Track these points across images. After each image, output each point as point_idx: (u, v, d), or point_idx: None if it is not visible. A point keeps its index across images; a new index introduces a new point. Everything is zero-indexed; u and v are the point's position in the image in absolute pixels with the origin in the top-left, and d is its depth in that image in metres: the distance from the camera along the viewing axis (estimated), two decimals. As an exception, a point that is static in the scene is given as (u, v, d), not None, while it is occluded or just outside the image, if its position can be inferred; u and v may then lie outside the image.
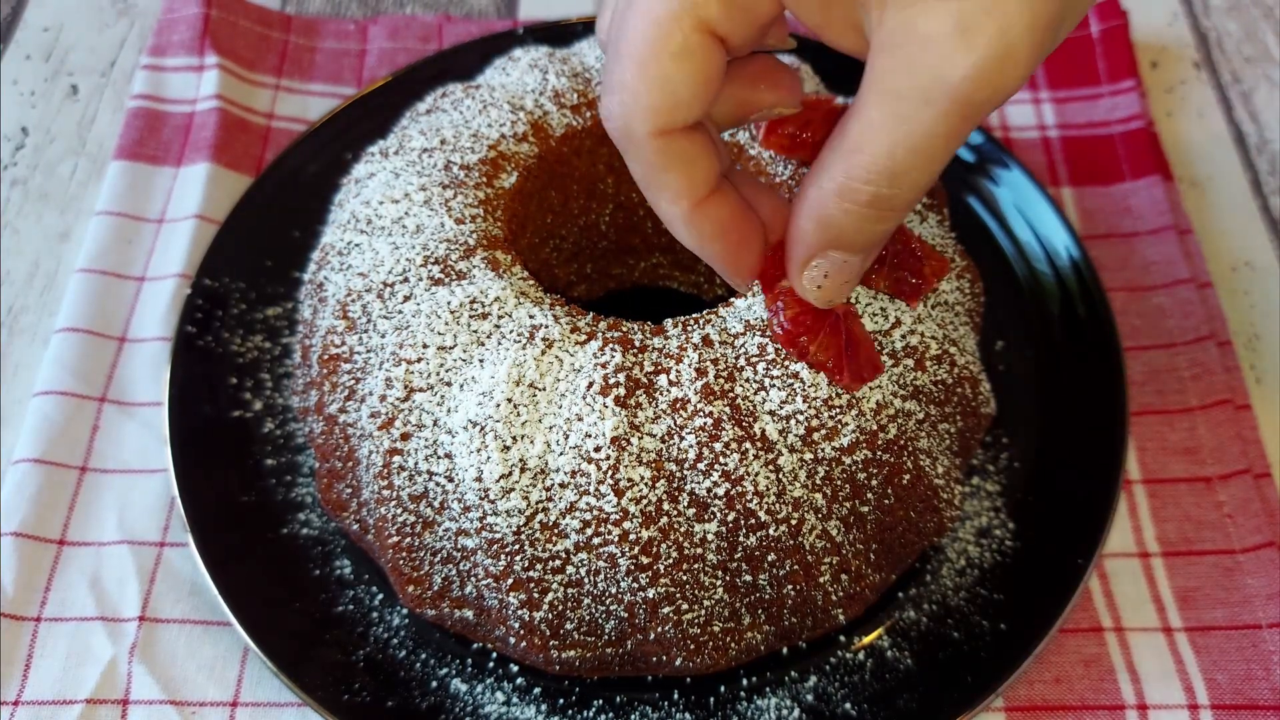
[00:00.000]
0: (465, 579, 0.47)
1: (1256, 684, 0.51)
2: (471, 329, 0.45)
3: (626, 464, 0.42)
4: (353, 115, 0.69)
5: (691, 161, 0.38)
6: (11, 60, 0.78)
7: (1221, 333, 0.63)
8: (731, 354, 0.44)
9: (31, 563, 0.55)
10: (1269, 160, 0.73)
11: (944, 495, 0.49)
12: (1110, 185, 0.71)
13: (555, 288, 0.61)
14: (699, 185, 0.38)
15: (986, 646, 0.51)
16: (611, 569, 0.43)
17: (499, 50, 0.68)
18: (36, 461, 0.57)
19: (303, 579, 0.53)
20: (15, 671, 0.52)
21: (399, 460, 0.45)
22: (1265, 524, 0.56)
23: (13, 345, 0.64)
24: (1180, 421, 0.60)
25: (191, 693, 0.52)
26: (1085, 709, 0.51)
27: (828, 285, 0.39)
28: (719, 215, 0.40)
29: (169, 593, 0.54)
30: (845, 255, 0.38)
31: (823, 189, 0.36)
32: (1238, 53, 0.79)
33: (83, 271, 0.65)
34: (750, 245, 0.41)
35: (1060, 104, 0.75)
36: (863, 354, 0.44)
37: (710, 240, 0.40)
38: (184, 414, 0.57)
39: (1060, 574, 0.52)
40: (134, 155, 0.70)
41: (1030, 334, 0.61)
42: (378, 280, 0.48)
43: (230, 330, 0.61)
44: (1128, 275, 0.66)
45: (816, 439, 0.43)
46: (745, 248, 0.41)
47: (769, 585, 0.46)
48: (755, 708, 0.50)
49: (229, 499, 0.55)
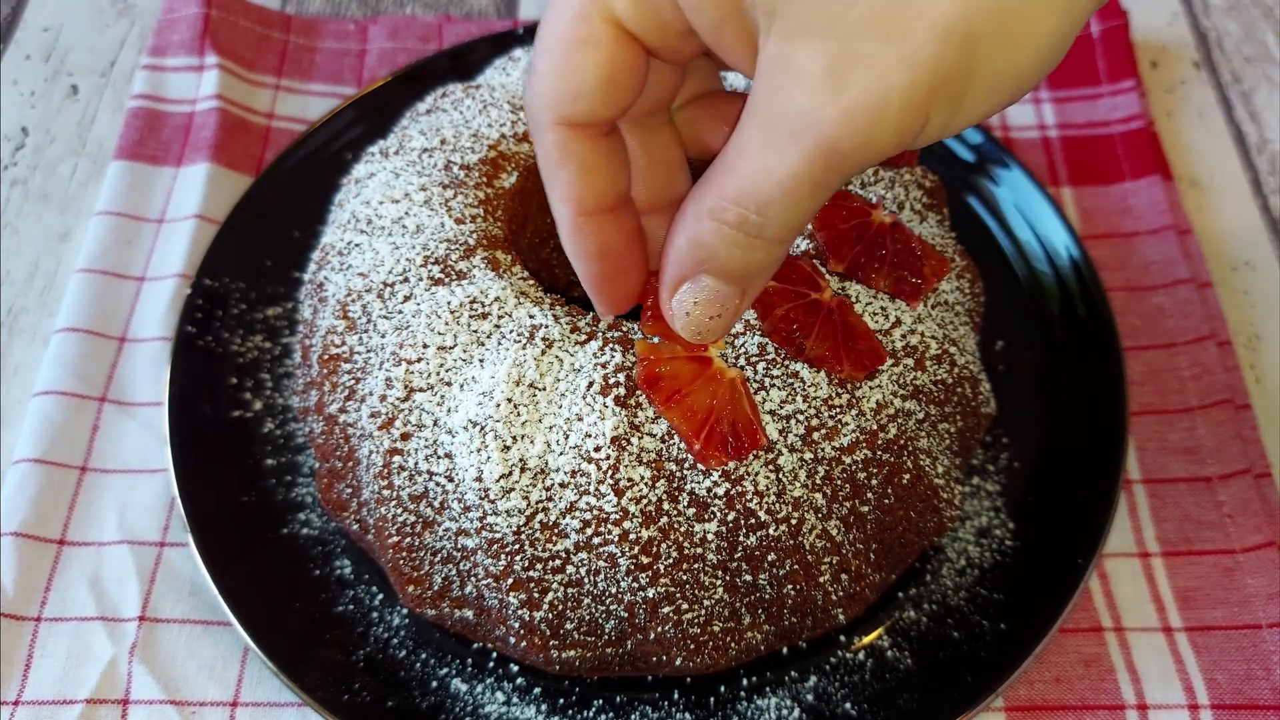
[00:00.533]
0: (465, 579, 0.47)
1: (1256, 684, 0.51)
2: (471, 329, 0.45)
3: (626, 464, 0.42)
4: (353, 115, 0.69)
5: (589, 167, 0.37)
6: (11, 60, 0.78)
7: (1221, 333, 0.63)
8: (731, 354, 0.44)
9: (31, 563, 0.55)
10: (1269, 160, 0.73)
11: (944, 495, 0.49)
12: (1110, 185, 0.71)
13: (555, 288, 0.61)
14: (589, 196, 0.38)
15: (986, 646, 0.51)
16: (611, 569, 0.43)
17: (499, 50, 0.68)
18: (36, 461, 0.57)
19: (303, 579, 0.53)
20: (15, 671, 0.52)
21: (399, 460, 0.45)
22: (1265, 524, 0.56)
23: (13, 345, 0.64)
24: (1180, 421, 0.60)
25: (191, 693, 0.52)
26: (1085, 709, 0.51)
27: (696, 313, 0.38)
28: (604, 236, 0.39)
29: (169, 593, 0.54)
30: (716, 282, 0.37)
31: (698, 207, 0.35)
32: (1238, 53, 0.79)
33: (83, 271, 0.65)
34: (623, 280, 0.40)
35: (1060, 104, 0.75)
36: (862, 343, 0.44)
37: (585, 257, 0.39)
38: (184, 414, 0.57)
39: (1060, 574, 0.52)
40: (134, 155, 0.70)
41: (1030, 334, 0.61)
42: (378, 280, 0.48)
43: (230, 330, 0.61)
44: (1128, 275, 0.66)
45: (816, 438, 0.43)
46: (617, 280, 0.40)
47: (769, 585, 0.46)
48: (755, 708, 0.50)
49: (229, 499, 0.55)
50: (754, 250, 0.35)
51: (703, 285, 0.37)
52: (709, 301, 0.37)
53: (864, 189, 0.51)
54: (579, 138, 0.36)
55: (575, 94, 0.35)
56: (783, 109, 0.31)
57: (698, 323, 0.38)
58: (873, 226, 0.47)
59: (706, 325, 0.38)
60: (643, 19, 0.34)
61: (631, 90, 0.36)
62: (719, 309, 0.37)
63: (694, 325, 0.38)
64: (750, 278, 0.37)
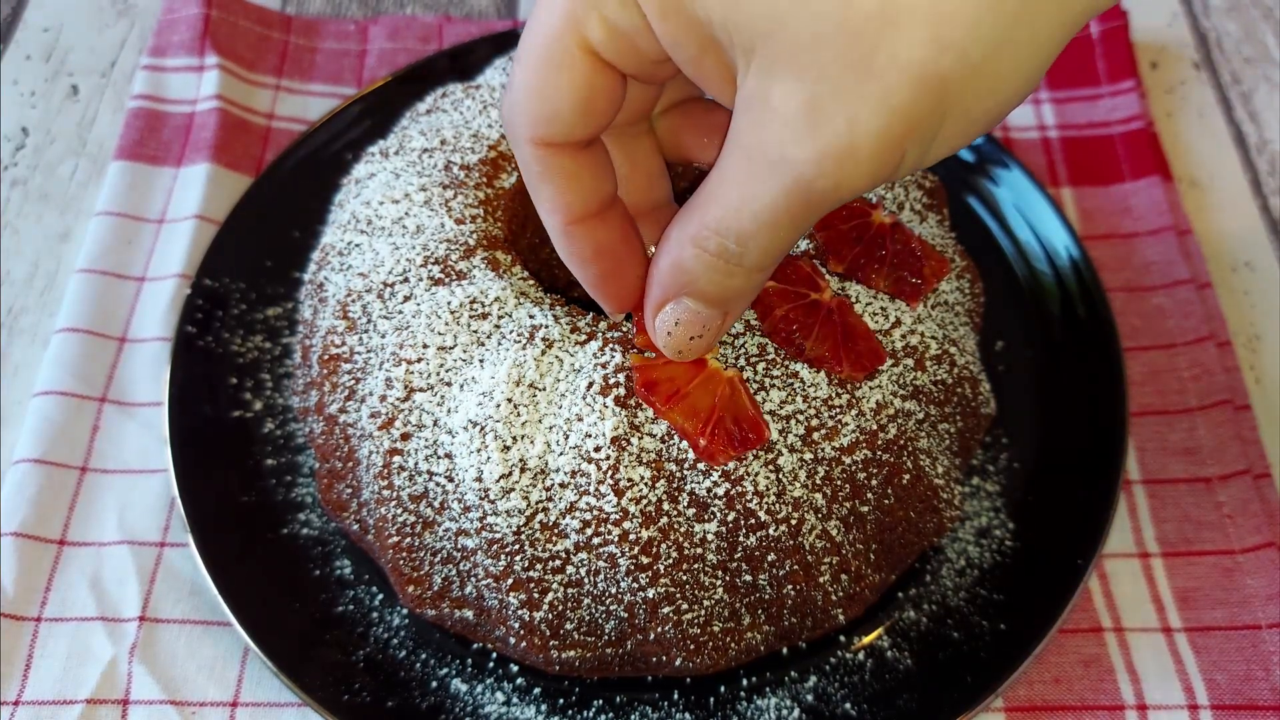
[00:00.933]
0: (465, 579, 0.47)
1: (1256, 684, 0.51)
2: (471, 329, 0.45)
3: (626, 464, 0.42)
4: (353, 115, 0.69)
5: (572, 177, 0.37)
6: (11, 60, 0.78)
7: (1221, 333, 0.63)
8: (731, 354, 0.44)
9: (31, 563, 0.55)
10: (1269, 160, 0.73)
11: (944, 495, 0.49)
12: (1110, 185, 0.71)
13: (555, 288, 0.61)
14: (576, 204, 0.38)
15: (986, 646, 0.51)
16: (611, 569, 0.44)
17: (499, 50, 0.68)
18: (36, 462, 0.57)
19: (303, 579, 0.53)
20: (15, 671, 0.52)
21: (399, 460, 0.45)
22: (1265, 524, 0.56)
23: (13, 345, 0.64)
24: (1180, 422, 0.60)
25: (191, 693, 0.52)
26: (1085, 709, 0.51)
27: (678, 333, 0.39)
28: (596, 238, 0.39)
29: (169, 593, 0.54)
30: (697, 305, 0.37)
31: (681, 233, 0.36)
32: (1237, 53, 0.79)
33: (83, 272, 0.65)
34: (623, 277, 0.40)
35: (1060, 104, 0.75)
36: (861, 343, 0.44)
37: (580, 261, 0.39)
38: (184, 414, 0.57)
39: (1060, 574, 0.52)
40: (134, 155, 0.70)
41: (1030, 334, 0.61)
42: (378, 280, 0.48)
43: (230, 330, 0.61)
44: (1127, 275, 0.66)
45: (816, 439, 0.43)
46: (617, 278, 0.40)
47: (769, 585, 0.46)
48: (755, 708, 0.50)
49: (229, 499, 0.55)
50: (734, 277, 0.36)
51: (684, 307, 0.38)
52: (690, 322, 0.38)
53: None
54: (561, 153, 0.37)
55: (550, 116, 0.35)
56: (762, 145, 0.32)
57: (679, 342, 0.39)
58: (872, 227, 0.47)
59: (688, 345, 0.39)
60: (618, 50, 0.34)
61: (608, 112, 0.36)
62: (700, 329, 0.38)
63: (675, 344, 0.39)
64: (730, 302, 0.38)
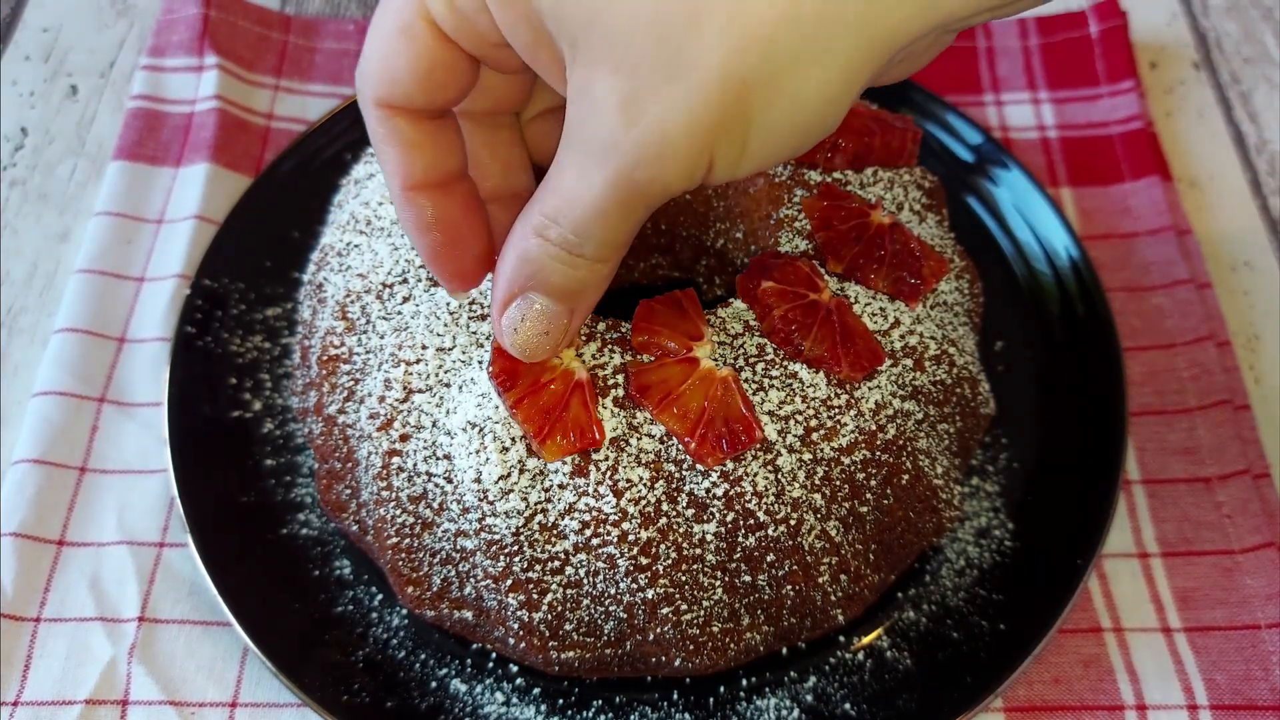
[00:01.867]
0: (464, 580, 0.47)
1: (1256, 684, 0.51)
2: (470, 330, 0.45)
3: (625, 465, 0.42)
4: (353, 115, 0.69)
5: (413, 145, 0.38)
6: (11, 60, 0.78)
7: (1221, 333, 0.63)
8: (730, 354, 0.44)
9: (31, 563, 0.55)
10: (1269, 160, 0.73)
11: (943, 495, 0.49)
12: (1109, 185, 0.71)
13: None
14: (416, 171, 0.38)
15: (986, 647, 0.51)
16: (610, 570, 0.43)
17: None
18: (36, 462, 0.57)
19: (303, 579, 0.53)
20: (15, 672, 0.52)
21: (398, 461, 0.45)
22: (1264, 524, 0.56)
23: (12, 345, 0.64)
24: (1179, 422, 0.60)
25: (191, 693, 0.52)
26: (1084, 709, 0.51)
27: (524, 329, 0.39)
28: (435, 209, 0.39)
29: (169, 593, 0.54)
30: (544, 300, 0.38)
31: (525, 224, 0.36)
32: (1237, 53, 0.79)
33: (82, 272, 0.65)
34: (461, 253, 0.40)
35: (1059, 104, 0.75)
36: (860, 344, 0.44)
37: (416, 229, 0.40)
38: (184, 414, 0.57)
39: (1059, 574, 0.52)
40: (133, 155, 0.70)
41: (1029, 334, 0.61)
42: (377, 281, 0.48)
43: (230, 331, 0.61)
44: (1127, 275, 0.66)
45: (815, 439, 0.43)
46: (454, 253, 0.40)
47: (768, 586, 0.46)
48: (755, 708, 0.50)
49: (229, 499, 0.55)
50: (578, 268, 0.36)
51: (530, 302, 0.38)
52: (536, 318, 0.38)
53: (863, 189, 0.51)
54: (401, 117, 0.37)
55: (392, 80, 0.37)
56: (589, 136, 0.33)
57: (525, 339, 0.39)
58: (871, 227, 0.47)
59: (535, 343, 0.39)
60: (457, 26, 0.35)
61: (452, 86, 0.37)
62: (547, 325, 0.39)
63: (522, 341, 0.39)
64: (577, 296, 0.38)
